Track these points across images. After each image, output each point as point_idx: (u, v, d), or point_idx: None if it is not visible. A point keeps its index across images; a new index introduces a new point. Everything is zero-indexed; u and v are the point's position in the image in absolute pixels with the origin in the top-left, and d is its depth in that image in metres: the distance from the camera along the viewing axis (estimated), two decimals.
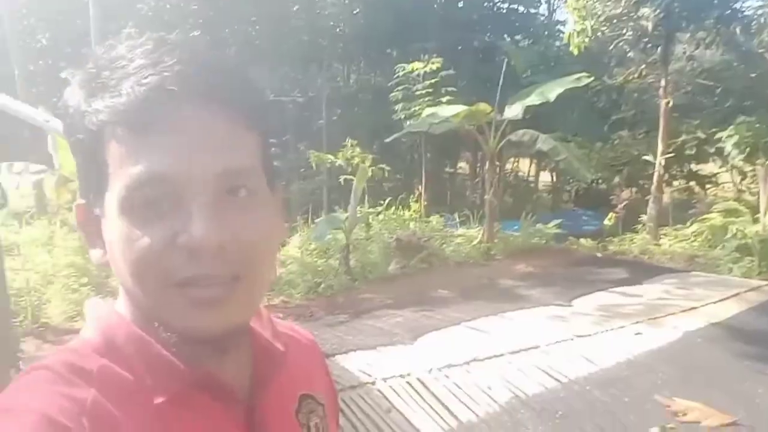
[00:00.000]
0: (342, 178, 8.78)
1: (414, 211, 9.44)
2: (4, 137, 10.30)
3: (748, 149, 9.29)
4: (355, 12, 16.90)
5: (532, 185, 17.89)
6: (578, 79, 7.95)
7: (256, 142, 0.58)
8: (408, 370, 4.16)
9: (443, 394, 3.90)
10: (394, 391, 3.90)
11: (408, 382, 4.02)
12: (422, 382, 4.02)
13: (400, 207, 9.55)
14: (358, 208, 7.68)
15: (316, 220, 7.64)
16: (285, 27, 14.89)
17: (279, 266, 6.73)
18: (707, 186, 12.85)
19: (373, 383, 3.98)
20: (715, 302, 5.86)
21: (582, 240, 9.26)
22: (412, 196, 10.00)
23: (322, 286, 6.49)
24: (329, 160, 9.08)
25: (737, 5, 9.78)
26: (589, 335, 4.93)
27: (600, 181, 13.69)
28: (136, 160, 0.52)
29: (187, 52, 0.54)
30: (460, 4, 17.37)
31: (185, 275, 0.53)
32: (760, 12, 11.35)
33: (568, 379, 4.17)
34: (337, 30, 16.44)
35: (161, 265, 0.53)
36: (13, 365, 3.44)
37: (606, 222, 9.48)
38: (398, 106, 10.50)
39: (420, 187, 10.13)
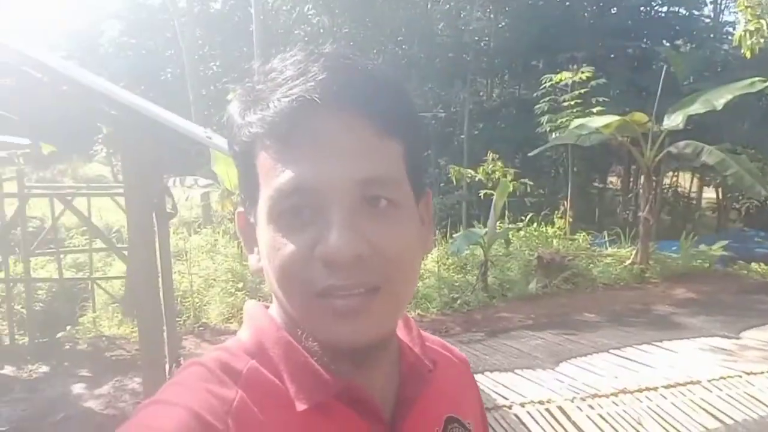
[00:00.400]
0: (482, 192, 8.69)
1: (558, 228, 9.05)
2: (177, 154, 11.63)
3: None
4: (500, 25, 16.80)
5: (694, 202, 16.39)
6: (751, 83, 7.21)
7: (400, 152, 0.57)
8: (548, 397, 3.98)
9: (585, 424, 3.66)
10: (532, 417, 3.74)
11: (547, 409, 3.84)
12: (562, 410, 3.82)
13: (543, 223, 9.23)
14: (498, 223, 7.54)
15: (455, 235, 7.61)
16: (431, 44, 15.18)
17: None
18: None
19: (510, 407, 3.85)
20: None
21: (753, 265, 8.33)
22: (556, 212, 9.60)
23: (459, 301, 6.45)
24: (469, 175, 9.03)
25: None
26: (761, 373, 4.41)
27: None
28: (281, 169, 0.53)
29: (332, 60, 0.54)
30: (614, 11, 16.54)
31: (323, 285, 0.53)
32: None
33: (733, 420, 3.77)
34: (482, 44, 16.43)
35: (302, 275, 0.53)
36: (175, 361, 3.80)
37: None
38: (543, 118, 10.20)
39: (565, 203, 9.68)
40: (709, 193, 16.00)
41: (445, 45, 15.77)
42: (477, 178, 8.89)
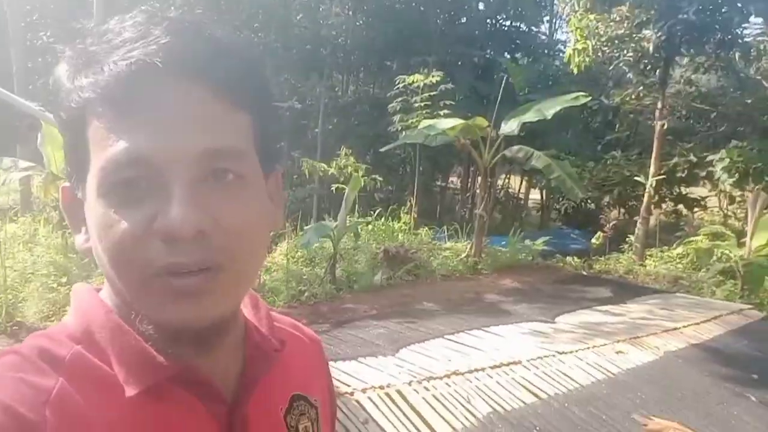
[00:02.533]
0: (334, 187, 8.81)
1: (404, 222, 9.46)
2: None
3: (738, 174, 9.39)
4: (358, 23, 17.06)
5: (522, 202, 17.97)
6: (576, 98, 7.99)
7: (248, 124, 0.54)
8: (388, 382, 4.15)
9: (421, 405, 3.89)
10: (373, 402, 3.89)
11: (387, 394, 4.01)
12: (401, 394, 4.01)
13: (390, 218, 9.57)
14: (348, 217, 7.69)
15: (305, 228, 7.64)
16: (288, 34, 14.99)
17: (263, 273, 6.73)
18: (695, 209, 12.96)
19: (352, 393, 3.97)
20: (696, 324, 5.90)
21: (568, 258, 9.30)
22: (403, 207, 10.03)
23: (306, 294, 6.48)
24: (322, 169, 9.12)
25: (738, 31, 9.87)
26: (571, 352, 4.93)
27: (589, 200, 13.79)
28: (115, 139, 0.49)
29: (177, 24, 0.51)
30: (463, 20, 17.55)
31: (163, 263, 0.49)
32: (760, 39, 11.54)
33: (547, 395, 4.17)
34: (340, 40, 16.56)
35: (139, 252, 0.49)
36: None
37: (593, 241, 9.55)
38: (396, 117, 10.58)
39: (411, 199, 10.16)
40: (535, 195, 17.64)
41: (303, 36, 15.67)
42: (330, 173, 9.01)
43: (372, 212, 9.54)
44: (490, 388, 4.20)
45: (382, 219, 9.42)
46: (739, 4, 8.95)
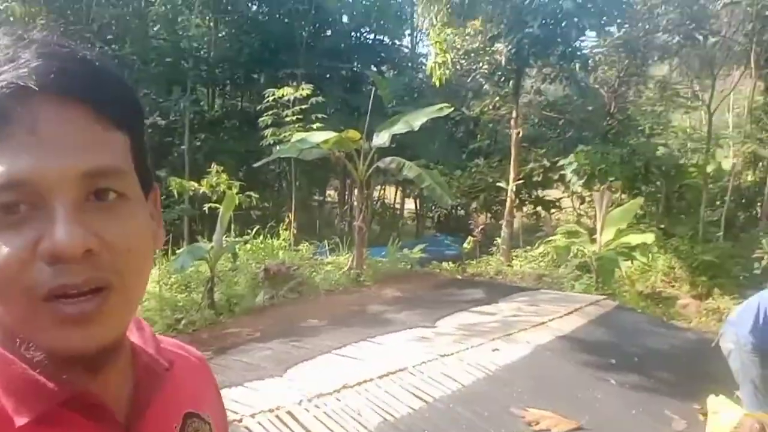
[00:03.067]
0: (206, 206, 8.48)
1: (283, 239, 9.34)
2: None
3: (585, 176, 10.41)
4: (220, 35, 16.61)
5: (398, 212, 18.51)
6: (440, 109, 8.40)
7: (126, 143, 0.55)
8: (277, 404, 4.07)
9: (313, 424, 3.87)
10: (262, 426, 3.80)
11: (277, 416, 3.93)
12: (291, 414, 3.96)
13: (269, 236, 9.41)
14: (225, 237, 7.44)
15: (177, 252, 7.27)
16: (146, 47, 14.23)
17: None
18: (552, 210, 14.17)
19: (240, 420, 3.84)
20: (560, 317, 6.44)
21: (444, 264, 9.73)
22: (281, 224, 9.89)
23: (184, 322, 6.17)
24: (192, 188, 8.73)
25: (577, 44, 10.98)
26: (452, 354, 5.16)
27: (459, 207, 14.55)
28: None
29: (46, 47, 0.51)
30: (328, 32, 17.74)
31: (50, 286, 0.49)
32: (595, 51, 12.92)
33: (433, 398, 4.33)
34: (202, 52, 16.02)
35: (23, 277, 0.49)
36: None
37: (465, 246, 10.07)
38: (267, 132, 10.40)
39: (289, 215, 10.05)
40: (410, 204, 18.28)
41: (162, 49, 14.96)
42: (201, 192, 8.64)
43: (249, 231, 9.31)
44: (379, 398, 4.27)
45: (261, 237, 9.23)
46: (576, 19, 9.95)
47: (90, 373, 0.55)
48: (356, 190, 9.12)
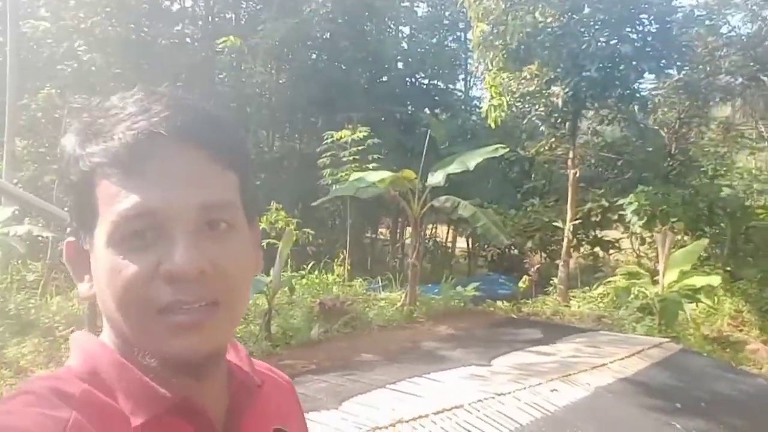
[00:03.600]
0: (265, 242, 8.72)
1: (337, 275, 9.45)
2: None
3: (646, 217, 10.14)
4: (281, 81, 17.33)
5: (450, 250, 18.40)
6: (495, 149, 8.46)
7: (235, 180, 0.63)
8: None
9: None
10: None
11: None
12: None
13: (324, 271, 9.55)
14: (282, 272, 7.63)
15: None
16: (212, 93, 14.98)
17: None
18: (611, 251, 13.77)
19: None
20: (622, 359, 6.22)
21: (498, 303, 9.56)
22: (335, 260, 10.04)
23: None
24: None
25: (636, 86, 10.87)
26: (509, 393, 5.06)
27: (513, 247, 14.35)
28: (125, 196, 0.57)
29: (173, 100, 0.61)
30: (384, 78, 18.24)
31: (167, 301, 0.56)
32: (654, 93, 12.74)
33: None
34: (263, 98, 16.72)
35: (145, 293, 0.57)
36: None
37: (520, 285, 9.89)
38: (326, 172, 10.69)
39: (343, 251, 10.20)
40: (461, 243, 18.15)
41: (226, 95, 15.73)
42: (260, 228, 8.91)
43: (305, 266, 9.48)
44: None
45: (316, 272, 9.39)
46: (634, 62, 9.90)
47: (195, 382, 0.62)
48: (409, 228, 9.16)
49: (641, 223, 10.09)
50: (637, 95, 10.96)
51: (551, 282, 10.28)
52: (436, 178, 8.50)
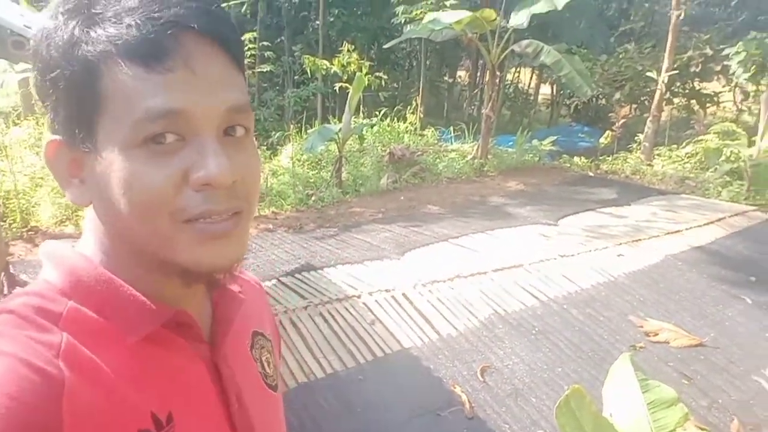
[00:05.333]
0: (337, 85, 8.58)
1: (410, 123, 9.31)
2: None
3: (754, 68, 9.06)
4: None
5: (532, 98, 17.56)
6: None
7: (243, 82, 0.59)
8: (393, 285, 4.30)
9: (426, 308, 4.05)
10: (379, 304, 4.05)
11: (393, 296, 4.16)
12: (406, 297, 4.17)
13: (396, 119, 9.41)
14: (353, 118, 7.57)
15: (309, 131, 7.53)
16: None
17: (270, 176, 6.73)
18: (708, 105, 12.63)
19: (359, 296, 4.12)
20: (699, 226, 5.96)
21: (576, 158, 9.22)
22: (408, 107, 9.82)
23: (313, 198, 6.52)
24: (324, 67, 8.83)
25: None
26: (573, 255, 5.04)
27: (600, 96, 13.44)
28: (148, 94, 0.51)
29: None
30: None
31: (199, 210, 0.53)
32: None
33: (547, 297, 4.32)
34: None
35: (172, 202, 0.53)
36: (4, 269, 3.48)
37: (602, 140, 9.41)
38: (399, 9, 10.06)
39: (417, 99, 9.92)
40: (545, 89, 17.20)
41: None
42: (332, 71, 8.73)
43: (377, 113, 9.36)
44: (492, 291, 4.34)
45: (387, 120, 9.27)
46: None
47: (185, 296, 0.60)
48: (488, 74, 8.68)
49: (747, 75, 9.04)
50: None
51: (636, 138, 9.68)
52: (519, 18, 7.84)
